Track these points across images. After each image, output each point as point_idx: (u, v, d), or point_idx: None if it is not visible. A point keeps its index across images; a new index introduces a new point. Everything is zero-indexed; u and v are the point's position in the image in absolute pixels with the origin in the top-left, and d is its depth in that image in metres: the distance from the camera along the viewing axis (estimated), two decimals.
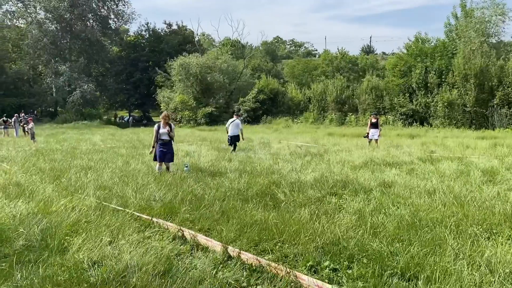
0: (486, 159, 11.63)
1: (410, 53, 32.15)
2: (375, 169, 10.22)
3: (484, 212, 5.99)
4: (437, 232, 5.01)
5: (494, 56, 26.78)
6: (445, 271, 3.87)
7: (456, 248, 4.48)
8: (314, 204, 6.62)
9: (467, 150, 14.45)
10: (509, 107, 25.04)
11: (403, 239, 4.76)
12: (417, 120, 28.94)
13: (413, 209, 6.16)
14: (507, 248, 4.46)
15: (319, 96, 35.50)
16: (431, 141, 17.93)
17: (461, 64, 26.56)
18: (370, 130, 15.93)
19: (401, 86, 30.95)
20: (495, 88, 25.72)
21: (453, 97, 26.73)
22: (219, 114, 35.19)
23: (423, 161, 11.54)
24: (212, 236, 5.11)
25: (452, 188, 7.79)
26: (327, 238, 4.76)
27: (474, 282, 3.70)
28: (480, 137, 19.60)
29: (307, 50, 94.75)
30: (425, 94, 29.10)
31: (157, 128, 9.77)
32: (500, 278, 3.76)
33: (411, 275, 3.85)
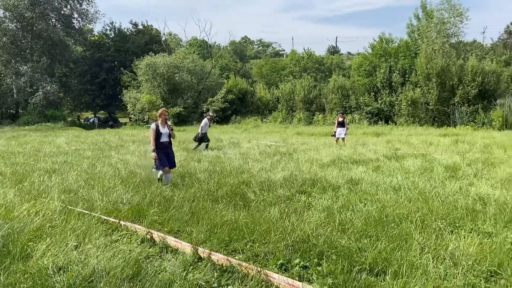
0: (448, 156, 12.03)
1: (374, 53, 32.87)
2: (342, 167, 10.38)
3: (447, 207, 6.20)
4: (403, 228, 5.15)
5: (454, 56, 27.75)
6: (411, 265, 3.97)
7: (422, 243, 4.61)
8: (284, 202, 6.66)
9: (430, 147, 14.90)
10: (469, 105, 25.99)
11: (371, 235, 4.86)
12: (382, 118, 29.62)
13: (379, 206, 6.30)
14: (469, 241, 4.63)
15: (287, 96, 35.77)
16: (396, 138, 18.39)
17: (424, 63, 27.38)
18: (337, 129, 16.18)
19: (366, 85, 31.59)
20: (455, 87, 26.64)
21: (416, 95, 27.51)
22: (188, 114, 34.86)
23: (389, 158, 11.82)
24: (182, 238, 5.05)
25: (417, 184, 8.02)
26: (297, 236, 4.80)
27: (439, 275, 3.81)
28: (443, 134, 20.25)
29: (275, 50, 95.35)
30: (389, 93, 29.82)
31: (155, 127, 8.29)
32: (464, 270, 3.90)
33: (379, 270, 3.93)
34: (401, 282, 3.63)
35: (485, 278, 3.83)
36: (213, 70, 41.52)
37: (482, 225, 5.35)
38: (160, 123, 8.40)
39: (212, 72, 41.24)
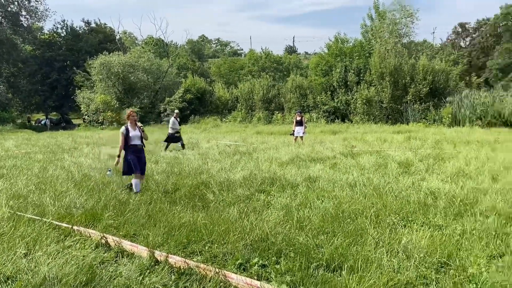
0: (402, 152, 12.46)
1: (330, 53, 33.54)
2: (301, 165, 10.51)
3: (400, 202, 6.41)
4: (358, 223, 5.27)
5: (406, 55, 28.78)
6: (366, 259, 4.07)
7: (376, 237, 4.74)
8: (243, 202, 6.65)
9: (385, 144, 15.37)
10: (420, 102, 27.02)
11: (328, 231, 4.95)
12: (339, 117, 30.26)
13: (336, 202, 6.42)
14: (421, 234, 4.80)
15: (246, 95, 35.82)
16: (352, 136, 18.84)
17: (377, 63, 28.22)
18: (295, 128, 16.38)
19: (323, 84, 32.17)
20: (408, 85, 27.63)
21: (371, 94, 28.32)
22: (144, 115, 34.13)
23: (345, 155, 12.08)
24: (138, 242, 4.93)
25: (372, 180, 8.25)
26: (256, 235, 4.80)
27: (393, 268, 3.93)
28: (396, 131, 20.95)
29: (233, 49, 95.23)
30: (345, 92, 30.51)
31: (125, 131, 7.71)
32: (416, 263, 4.04)
33: (335, 266, 4.00)
34: (356, 276, 3.71)
35: (436, 269, 3.98)
36: (170, 69, 40.90)
37: (433, 218, 5.57)
38: (129, 126, 7.83)
39: (169, 71, 40.62)
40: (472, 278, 3.74)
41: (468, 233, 4.95)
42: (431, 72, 27.25)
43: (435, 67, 27.77)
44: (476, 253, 4.31)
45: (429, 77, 27.03)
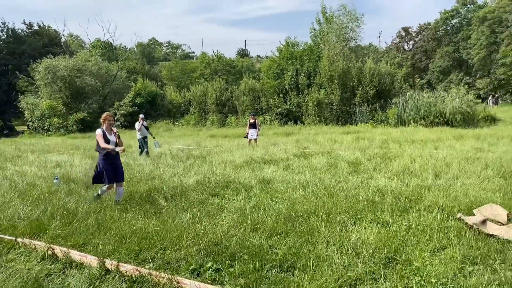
0: (351, 152, 12.85)
1: (282, 56, 34.03)
2: (255, 167, 10.58)
3: (350, 200, 6.62)
4: (311, 222, 5.39)
5: (353, 58, 29.74)
6: (318, 258, 4.17)
7: (327, 236, 4.87)
8: (197, 207, 6.60)
9: (335, 144, 15.79)
10: (368, 104, 27.98)
11: (281, 232, 5.01)
12: (292, 119, 30.74)
13: (289, 203, 6.52)
14: (370, 231, 4.98)
15: (199, 99, 35.56)
16: (304, 138, 19.20)
17: (327, 66, 28.94)
18: (249, 131, 16.46)
19: (275, 87, 32.56)
20: (356, 88, 28.54)
21: (321, 96, 29.00)
22: (93, 120, 32.98)
23: (298, 156, 12.30)
24: (88, 251, 4.77)
25: (323, 180, 8.46)
26: (209, 239, 4.79)
27: (343, 265, 4.05)
28: (346, 132, 21.57)
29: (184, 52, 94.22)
30: (297, 95, 31.05)
31: (102, 133, 7.06)
32: (365, 259, 4.19)
33: (288, 266, 4.07)
34: (309, 275, 3.80)
35: (384, 265, 4.15)
36: (119, 73, 39.81)
37: (381, 215, 5.79)
38: (105, 129, 7.19)
39: (118, 75, 39.55)
40: (417, 271, 3.92)
41: (414, 228, 5.19)
42: (377, 75, 28.31)
43: (381, 70, 28.87)
44: (421, 247, 4.53)
45: (375, 80, 28.06)
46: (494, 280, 3.67)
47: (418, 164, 10.09)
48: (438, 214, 5.65)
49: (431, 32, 62.35)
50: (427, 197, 6.66)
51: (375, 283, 3.75)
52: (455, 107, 23.57)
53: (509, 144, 13.63)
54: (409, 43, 67.61)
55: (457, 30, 61.52)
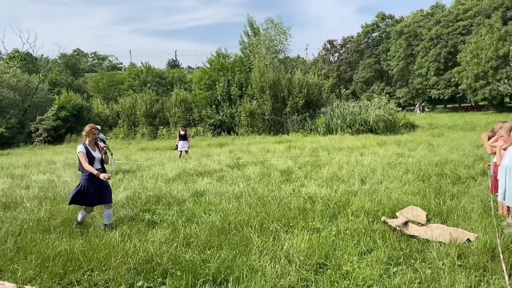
0: (283, 161, 13.11)
1: (213, 67, 34.09)
2: (188, 179, 10.43)
3: (283, 209, 6.73)
4: (244, 233, 5.40)
5: (283, 70, 30.59)
6: (251, 269, 4.18)
7: (261, 246, 4.90)
8: (126, 224, 6.35)
9: (268, 153, 16.03)
10: (298, 114, 28.81)
11: (214, 245, 4.97)
12: (225, 129, 30.82)
13: (223, 215, 6.49)
14: (301, 238, 5.09)
15: (128, 111, 34.48)
16: (238, 148, 19.29)
17: (258, 77, 29.46)
18: (179, 142, 16.17)
19: (207, 98, 32.49)
20: (286, 98, 29.30)
21: (254, 107, 29.43)
22: (12, 136, 30.75)
23: (231, 167, 12.31)
24: (6, 278, 4.39)
25: (256, 190, 8.53)
26: (140, 257, 4.62)
27: (276, 274, 4.09)
28: (278, 142, 22.00)
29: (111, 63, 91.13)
30: (229, 105, 31.23)
31: (84, 149, 6.19)
32: (297, 266, 4.27)
33: (222, 279, 4.03)
34: (243, 287, 3.79)
35: (315, 271, 4.25)
36: (40, 85, 37.55)
37: (311, 222, 5.95)
38: (88, 145, 6.31)
39: (40, 87, 37.28)
40: (346, 275, 4.07)
41: (342, 233, 5.39)
42: (306, 86, 29.31)
43: (309, 81, 29.93)
44: (349, 251, 4.71)
45: (304, 90, 29.01)
46: (416, 279, 3.91)
47: (346, 170, 10.53)
48: (364, 218, 5.93)
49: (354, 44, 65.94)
50: (354, 202, 6.96)
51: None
52: (378, 115, 25.02)
53: (426, 149, 14.68)
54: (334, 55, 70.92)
55: (378, 43, 65.68)
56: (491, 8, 46.72)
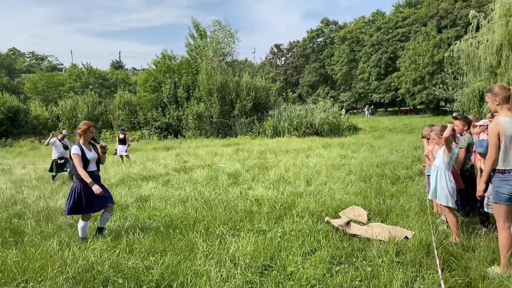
0: (231, 164, 13.11)
1: (159, 69, 33.46)
2: (132, 184, 10.14)
3: (229, 212, 6.71)
4: (189, 238, 5.32)
5: (231, 73, 30.61)
6: (196, 273, 4.12)
7: (206, 250, 4.85)
8: (65, 232, 6.06)
9: (216, 157, 15.96)
10: (246, 116, 28.95)
11: (159, 251, 4.85)
12: (171, 132, 30.30)
13: (168, 220, 6.37)
14: (247, 240, 5.10)
15: (69, 113, 33.02)
16: (185, 151, 19.02)
17: (205, 80, 29.27)
18: (118, 147, 15.60)
19: (153, 101, 31.82)
20: (234, 101, 29.35)
21: (201, 109, 29.18)
22: None
23: (178, 171, 12.13)
24: None
25: (203, 193, 8.46)
26: (79, 266, 4.41)
27: (221, 278, 4.07)
28: (226, 145, 21.96)
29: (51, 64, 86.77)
30: (176, 108, 30.76)
31: (79, 151, 5.58)
32: (242, 269, 4.26)
33: (166, 285, 3.94)
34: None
35: (260, 273, 4.27)
36: None
37: (258, 224, 5.98)
38: (83, 144, 5.73)
39: None
40: (290, 275, 4.12)
41: (288, 234, 5.46)
42: (254, 89, 29.52)
43: (257, 84, 30.18)
44: (294, 252, 4.77)
45: (252, 93, 29.20)
46: (357, 277, 4.03)
47: (292, 172, 10.70)
48: (309, 219, 6.04)
49: (300, 49, 67.37)
50: (300, 203, 7.08)
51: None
52: (323, 118, 25.70)
53: (368, 151, 15.27)
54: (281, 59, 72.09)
55: (322, 48, 67.52)
56: (427, 16, 49.54)
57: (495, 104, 4.20)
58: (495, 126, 4.03)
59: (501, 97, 4.13)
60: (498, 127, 4.01)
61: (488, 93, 4.28)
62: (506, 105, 4.14)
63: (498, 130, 4.00)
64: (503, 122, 4.02)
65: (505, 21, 23.39)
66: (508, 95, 4.12)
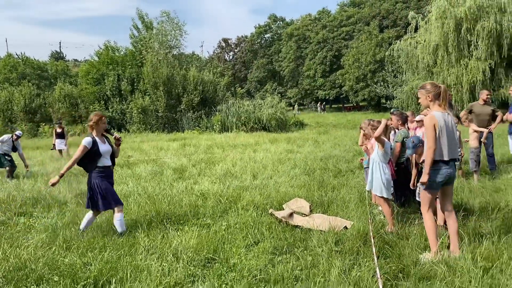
0: (177, 159, 12.93)
1: (101, 60, 32.22)
2: (72, 180, 9.73)
3: (174, 206, 6.63)
4: (131, 233, 5.20)
5: (177, 66, 30.08)
6: (136, 268, 4.04)
7: (148, 245, 4.77)
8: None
9: (161, 151, 15.66)
10: (193, 111, 28.63)
11: (98, 247, 4.70)
12: (115, 126, 29.33)
13: (108, 215, 6.17)
14: (191, 234, 5.06)
15: (3, 106, 31.00)
16: (129, 146, 18.49)
17: (150, 73, 28.56)
18: (56, 141, 14.88)
19: (96, 93, 30.64)
20: (181, 95, 28.89)
21: (146, 103, 28.46)
22: None
23: (121, 166, 11.78)
24: None
25: (147, 188, 8.29)
26: (11, 264, 4.18)
27: (163, 272, 4.01)
28: (172, 139, 21.58)
29: None
30: (120, 101, 29.82)
31: (90, 144, 5.23)
32: (184, 263, 4.23)
33: (104, 281, 3.83)
34: (126, 287, 3.65)
35: (203, 266, 4.26)
36: None
37: (202, 218, 5.96)
38: (96, 136, 5.38)
39: None
40: (233, 267, 4.14)
41: (232, 227, 5.49)
42: (201, 83, 29.23)
43: (205, 78, 29.90)
44: (237, 244, 4.80)
45: (199, 87, 28.91)
46: (298, 266, 4.13)
47: (239, 167, 10.75)
48: (253, 212, 6.10)
49: (248, 44, 67.63)
50: (245, 197, 7.13)
51: (194, 285, 3.82)
52: (271, 114, 25.99)
53: (313, 146, 15.65)
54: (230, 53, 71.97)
55: (270, 44, 68.24)
56: (370, 16, 51.45)
57: (427, 100, 4.48)
58: (431, 119, 4.29)
59: (433, 94, 4.42)
60: (434, 120, 4.28)
61: (421, 90, 4.55)
62: (437, 101, 4.43)
63: (434, 122, 4.27)
64: (437, 116, 4.30)
65: (441, 23, 24.90)
66: (439, 92, 4.41)
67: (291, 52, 60.04)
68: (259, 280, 3.86)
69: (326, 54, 54.61)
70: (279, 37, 66.55)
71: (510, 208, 5.84)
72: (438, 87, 4.44)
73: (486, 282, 3.59)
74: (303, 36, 59.12)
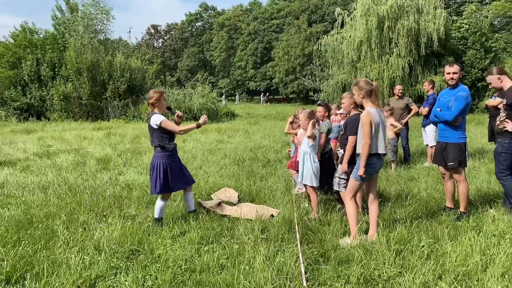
0: (101, 148, 12.40)
1: (18, 43, 29.74)
2: None
3: (96, 198, 6.37)
4: (49, 226, 4.93)
5: (103, 51, 28.64)
6: (54, 262, 3.85)
7: (68, 238, 4.55)
8: None
9: (84, 141, 14.91)
10: (120, 99, 27.50)
11: (11, 242, 4.41)
12: (34, 114, 27.37)
13: (25, 208, 5.81)
14: (114, 226, 4.90)
15: None
16: (49, 135, 17.41)
17: (73, 57, 26.91)
18: None
19: (11, 78, 28.29)
20: (106, 82, 27.59)
21: (69, 90, 26.82)
22: None
23: (40, 156, 11.09)
24: None
25: (68, 179, 7.89)
26: None
27: (84, 266, 3.86)
28: (97, 128, 20.62)
29: None
30: (39, 87, 27.79)
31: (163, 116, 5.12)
32: (107, 255, 4.09)
33: (18, 277, 3.61)
34: (43, 282, 3.47)
35: (127, 258, 4.16)
36: None
37: (127, 210, 5.80)
38: (161, 115, 5.18)
39: None
40: (158, 258, 4.09)
41: None
42: (129, 70, 28.15)
43: (132, 65, 28.82)
44: (163, 235, 4.74)
45: (126, 75, 27.81)
46: (224, 255, 4.17)
47: None
48: (180, 203, 6.05)
49: (179, 32, 66.27)
50: None
51: (116, 277, 3.72)
52: (201, 104, 25.77)
53: (243, 136, 15.79)
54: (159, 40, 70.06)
55: (201, 32, 67.40)
56: (299, 10, 52.63)
57: (360, 97, 4.70)
58: (367, 115, 4.51)
59: (365, 91, 4.64)
60: (370, 116, 4.50)
61: (355, 86, 4.77)
62: (369, 98, 4.66)
63: (370, 119, 4.48)
64: (372, 112, 4.53)
65: (365, 20, 26.15)
66: (371, 90, 4.65)
67: (222, 42, 59.81)
68: (184, 269, 3.85)
69: (257, 46, 55.13)
70: (210, 26, 65.93)
71: (422, 195, 6.35)
72: (370, 84, 4.67)
73: (398, 263, 3.89)
74: (235, 26, 59.13)
